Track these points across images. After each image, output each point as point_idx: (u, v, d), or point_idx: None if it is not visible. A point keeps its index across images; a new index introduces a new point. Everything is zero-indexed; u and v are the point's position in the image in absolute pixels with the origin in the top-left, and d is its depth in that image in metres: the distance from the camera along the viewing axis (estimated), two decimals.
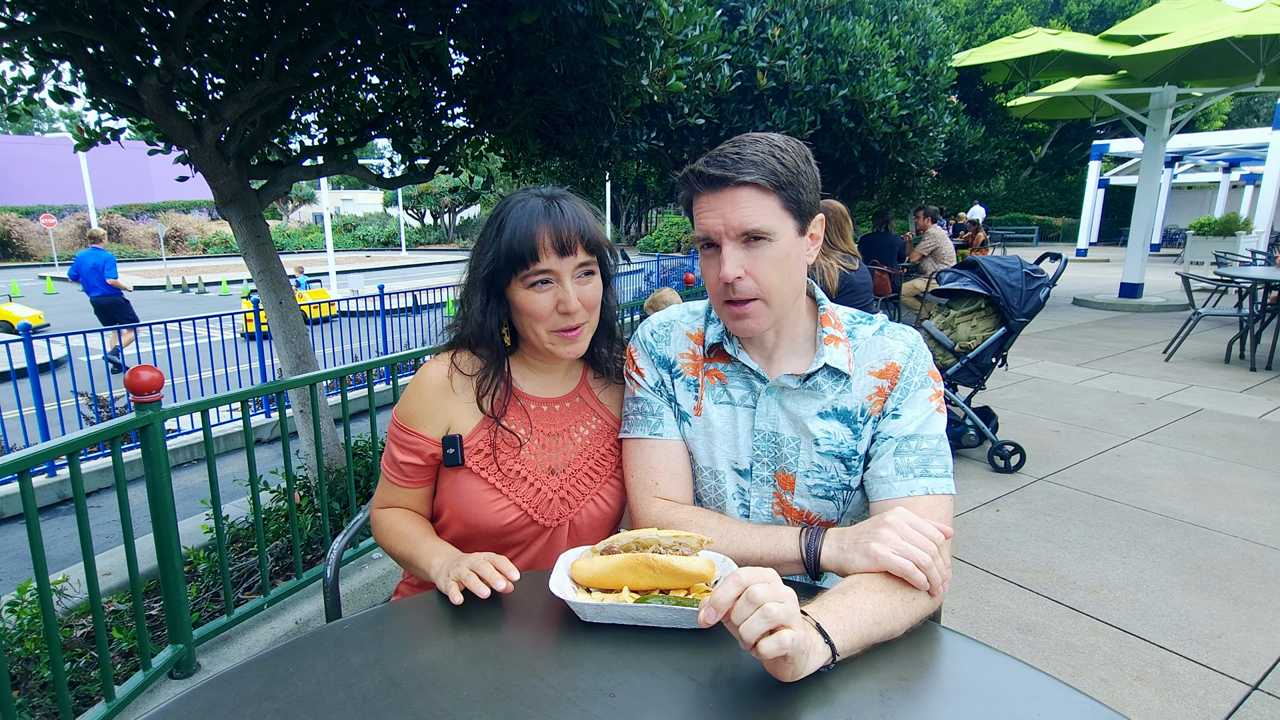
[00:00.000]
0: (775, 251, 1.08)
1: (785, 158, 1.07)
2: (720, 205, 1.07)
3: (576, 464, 1.27)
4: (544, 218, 1.15)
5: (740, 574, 0.81)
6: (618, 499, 1.29)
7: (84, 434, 1.94)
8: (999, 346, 4.07)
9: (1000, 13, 15.77)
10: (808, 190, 1.10)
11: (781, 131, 1.28)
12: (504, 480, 1.22)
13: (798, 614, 0.80)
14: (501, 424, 1.24)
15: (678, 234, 26.28)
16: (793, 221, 1.09)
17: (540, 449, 1.26)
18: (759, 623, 0.77)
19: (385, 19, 2.46)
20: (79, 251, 8.59)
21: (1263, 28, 7.73)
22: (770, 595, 0.78)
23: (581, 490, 1.26)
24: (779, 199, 1.07)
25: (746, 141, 1.09)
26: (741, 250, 1.08)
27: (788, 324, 1.18)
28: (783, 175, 1.06)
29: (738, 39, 5.31)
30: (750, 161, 1.05)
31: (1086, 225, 22.51)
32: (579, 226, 1.16)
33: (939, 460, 1.11)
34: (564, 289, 1.16)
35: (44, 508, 4.51)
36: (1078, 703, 0.83)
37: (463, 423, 1.24)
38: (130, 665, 2.29)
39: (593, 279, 1.21)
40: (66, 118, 38.64)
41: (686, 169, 1.11)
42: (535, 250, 1.14)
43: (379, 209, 37.92)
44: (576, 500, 1.26)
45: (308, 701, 0.83)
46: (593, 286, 1.21)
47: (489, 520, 1.21)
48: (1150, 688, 2.28)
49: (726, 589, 0.80)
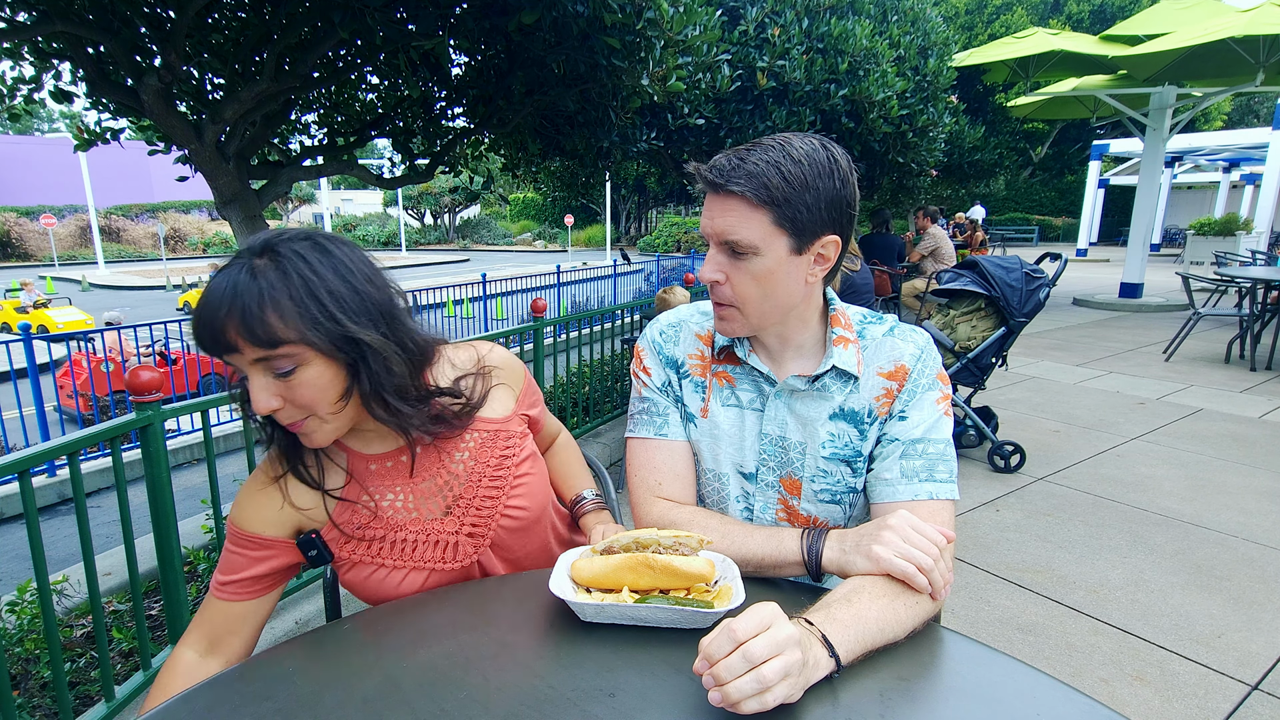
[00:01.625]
0: (757, 266, 1.05)
1: (791, 171, 1.00)
2: (713, 208, 1.06)
3: (469, 491, 1.14)
4: (201, 305, 0.90)
5: (736, 628, 0.77)
6: (532, 495, 1.19)
7: (84, 434, 1.94)
8: (999, 346, 4.07)
9: (1000, 13, 15.76)
10: (813, 209, 1.02)
11: (782, 131, 1.26)
12: (389, 551, 1.10)
13: (795, 664, 0.78)
14: (330, 494, 1.07)
15: (678, 234, 26.28)
16: (785, 239, 1.04)
17: (416, 500, 1.12)
18: (750, 684, 0.75)
19: (385, 19, 2.46)
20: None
21: (1263, 28, 7.73)
22: (767, 652, 0.76)
23: (485, 515, 1.15)
24: (769, 215, 1.02)
25: (759, 148, 1.03)
26: (724, 256, 1.07)
27: (793, 330, 1.16)
28: (779, 191, 1.00)
29: (738, 39, 5.30)
30: (747, 171, 1.01)
31: (1086, 225, 22.50)
32: (237, 312, 0.88)
33: (944, 465, 1.10)
34: (256, 387, 0.92)
35: (44, 508, 4.51)
36: (1078, 703, 0.83)
37: (311, 515, 1.09)
38: (130, 665, 2.29)
39: (300, 373, 0.92)
40: (66, 118, 38.64)
41: (693, 165, 1.09)
42: (200, 340, 0.91)
43: (379, 209, 37.94)
44: (483, 526, 1.14)
45: (308, 701, 0.83)
46: (299, 383, 0.92)
47: (402, 594, 1.11)
48: (1150, 688, 2.28)
49: (719, 644, 0.77)
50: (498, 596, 1.08)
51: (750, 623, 0.78)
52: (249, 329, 0.88)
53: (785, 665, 0.76)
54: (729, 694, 0.75)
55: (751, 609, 0.80)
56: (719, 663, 0.76)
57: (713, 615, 0.93)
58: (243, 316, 0.87)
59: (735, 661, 0.75)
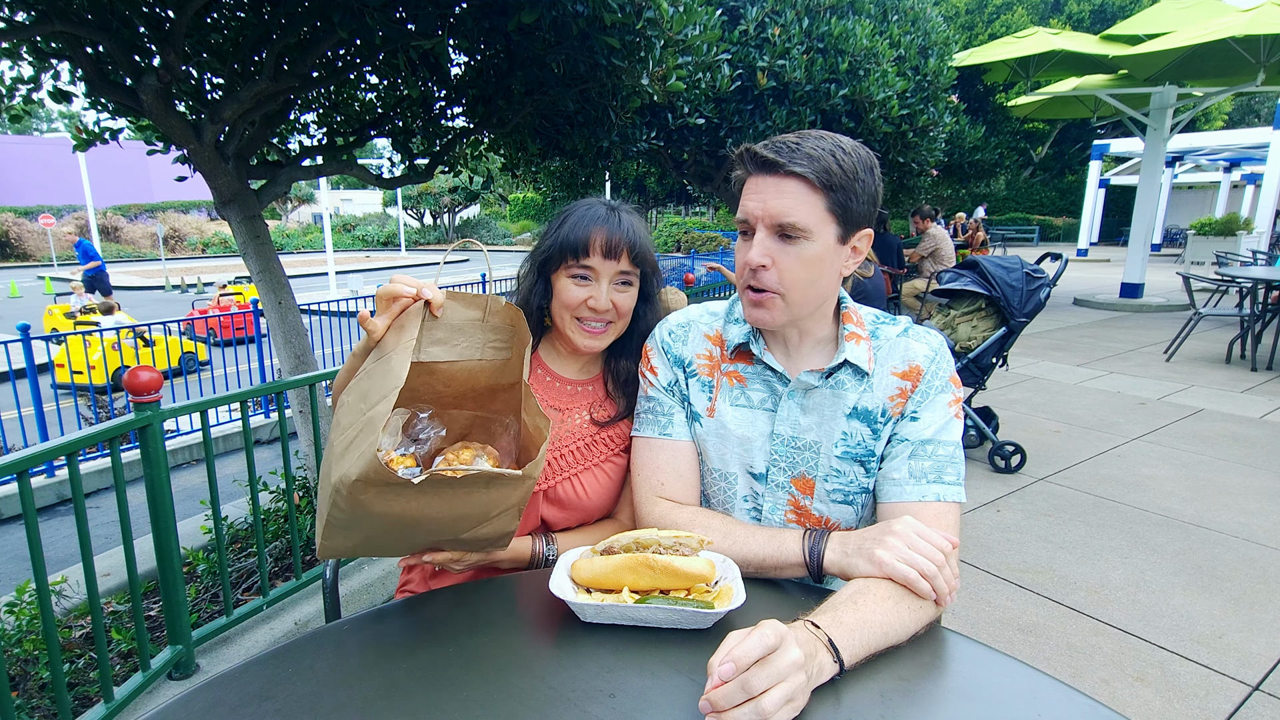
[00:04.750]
0: (808, 251, 1.05)
1: (845, 160, 1.03)
2: (765, 190, 1.05)
3: (567, 440, 1.33)
4: (602, 222, 1.26)
5: (739, 654, 0.75)
6: (597, 490, 1.32)
7: (83, 434, 1.94)
8: (999, 347, 4.07)
9: (1000, 12, 15.76)
10: (860, 200, 1.05)
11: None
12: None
13: (800, 688, 0.77)
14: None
15: (678, 234, 26.26)
16: (835, 227, 1.05)
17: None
18: (746, 716, 0.73)
19: (385, 19, 2.46)
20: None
21: (1263, 28, 7.73)
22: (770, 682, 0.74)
23: (563, 465, 1.32)
24: (826, 200, 1.03)
25: (811, 135, 1.05)
26: (773, 240, 1.06)
27: (812, 325, 1.16)
28: (837, 177, 1.02)
29: (738, 39, 5.30)
30: (807, 154, 1.02)
31: (1087, 225, 22.50)
32: (630, 238, 1.26)
33: (953, 468, 1.10)
34: (599, 287, 1.25)
35: (43, 508, 4.51)
36: (1078, 703, 0.83)
37: None
38: (129, 666, 2.28)
39: (629, 289, 1.29)
40: (66, 118, 38.58)
41: (744, 147, 1.08)
42: (586, 246, 1.24)
43: (378, 209, 37.90)
44: (557, 471, 1.32)
45: (308, 702, 0.83)
46: (628, 296, 1.29)
47: None
48: (1151, 688, 2.28)
49: (730, 693, 0.74)
50: (498, 597, 1.08)
51: (755, 647, 0.76)
52: (635, 250, 1.26)
53: (787, 693, 0.75)
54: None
55: (760, 632, 0.77)
56: (726, 698, 0.74)
57: (713, 616, 0.93)
58: (634, 240, 1.26)
59: (734, 692, 0.74)
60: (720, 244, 22.49)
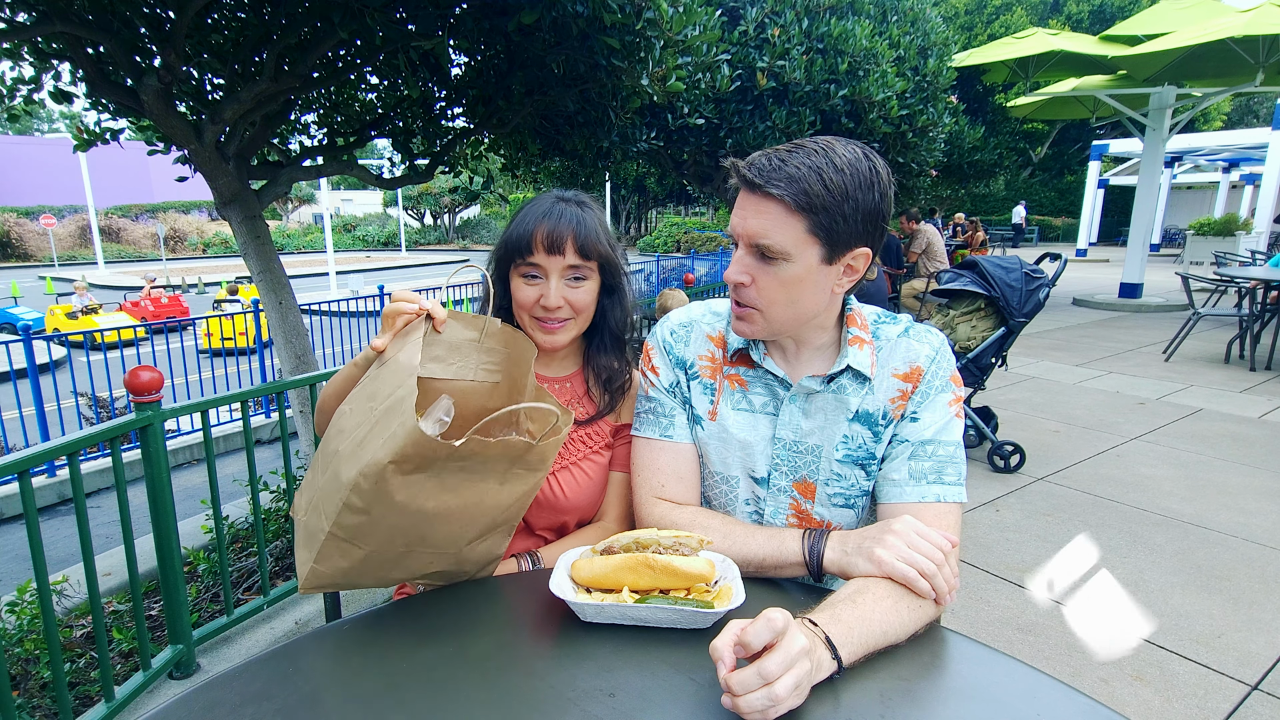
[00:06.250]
0: (786, 273, 1.03)
1: (833, 180, 0.98)
2: (746, 208, 1.04)
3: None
4: (543, 217, 1.22)
5: (744, 633, 0.77)
6: (575, 489, 1.29)
7: (84, 434, 1.94)
8: (999, 347, 4.07)
9: (1000, 13, 15.78)
10: (850, 220, 1.00)
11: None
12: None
13: (805, 675, 0.78)
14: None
15: (677, 234, 26.24)
16: (818, 249, 1.02)
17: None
18: (760, 700, 0.74)
19: (385, 19, 2.46)
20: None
21: (1262, 28, 7.74)
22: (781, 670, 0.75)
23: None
24: (806, 222, 0.99)
25: (802, 151, 1.00)
26: (753, 259, 1.05)
27: (808, 335, 1.15)
28: (819, 199, 0.98)
29: (738, 39, 5.30)
30: (788, 175, 0.98)
31: (1086, 225, 22.51)
32: (576, 230, 1.21)
33: (953, 468, 1.09)
34: (548, 285, 1.22)
35: (44, 508, 4.51)
36: (1078, 703, 0.83)
37: None
38: (130, 666, 2.29)
39: (583, 284, 1.24)
40: (66, 118, 38.61)
41: (732, 160, 1.07)
42: (530, 243, 1.21)
43: (379, 209, 37.89)
44: None
45: (308, 701, 0.83)
46: (582, 291, 1.24)
47: None
48: (1150, 688, 2.28)
49: (746, 679, 0.75)
50: (498, 596, 1.08)
51: (764, 631, 0.77)
52: (580, 242, 1.21)
53: (796, 679, 0.76)
54: (740, 706, 0.75)
55: (767, 615, 0.78)
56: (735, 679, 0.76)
57: (713, 615, 0.93)
58: (578, 231, 1.21)
59: (750, 678, 0.75)
60: (720, 244, 22.46)
